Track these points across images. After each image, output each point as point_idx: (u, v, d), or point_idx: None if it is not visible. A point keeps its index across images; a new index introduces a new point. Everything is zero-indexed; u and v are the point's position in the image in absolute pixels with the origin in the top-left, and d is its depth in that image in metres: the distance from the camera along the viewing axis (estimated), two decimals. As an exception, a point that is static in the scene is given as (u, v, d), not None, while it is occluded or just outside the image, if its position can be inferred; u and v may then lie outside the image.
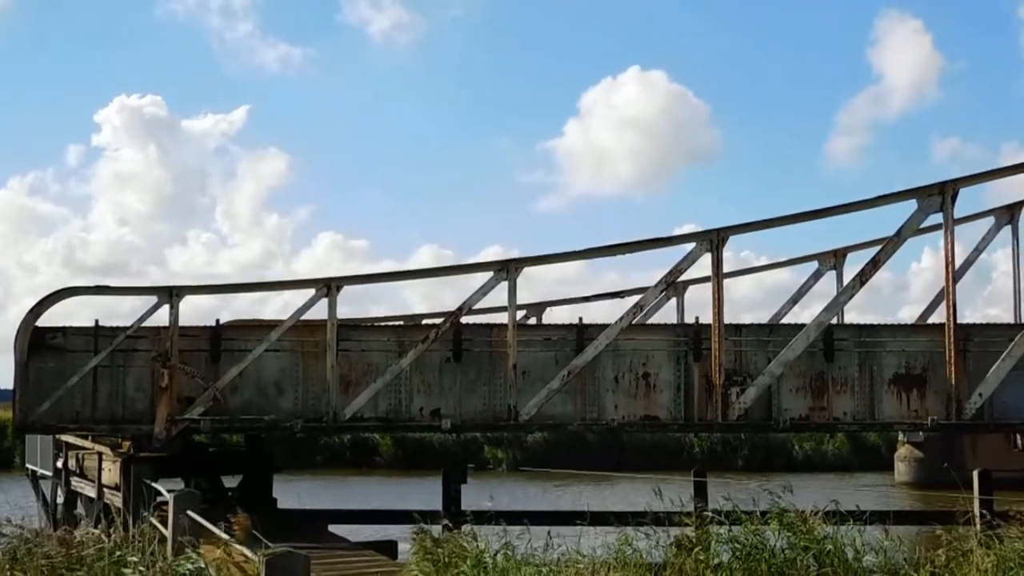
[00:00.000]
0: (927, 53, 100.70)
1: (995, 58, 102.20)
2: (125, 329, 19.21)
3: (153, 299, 19.33)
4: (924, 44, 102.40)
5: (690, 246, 19.35)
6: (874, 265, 19.18)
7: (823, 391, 19.61)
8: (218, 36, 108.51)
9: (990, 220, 22.25)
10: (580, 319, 19.85)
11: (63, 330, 19.57)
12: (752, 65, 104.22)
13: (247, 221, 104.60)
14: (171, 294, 19.15)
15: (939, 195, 19.27)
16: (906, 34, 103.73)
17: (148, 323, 19.48)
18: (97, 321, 19.64)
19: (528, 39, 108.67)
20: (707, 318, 19.40)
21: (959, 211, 19.55)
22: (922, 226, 22.23)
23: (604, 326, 19.30)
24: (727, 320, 19.17)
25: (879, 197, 19.61)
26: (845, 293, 19.01)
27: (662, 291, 19.27)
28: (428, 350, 19.15)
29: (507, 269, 19.12)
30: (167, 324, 19.23)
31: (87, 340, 19.53)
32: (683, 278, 21.27)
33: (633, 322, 19.33)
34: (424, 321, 24.03)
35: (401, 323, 25.02)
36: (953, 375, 18.81)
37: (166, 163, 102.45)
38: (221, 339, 19.74)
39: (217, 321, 20.13)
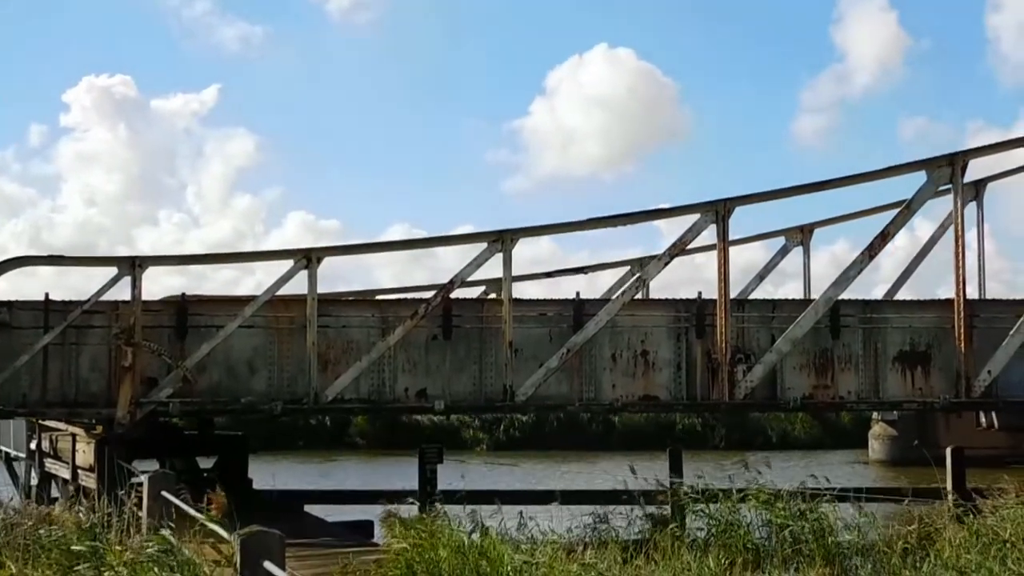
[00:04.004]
0: (892, 31, 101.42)
1: (960, 36, 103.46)
2: (79, 303, 17.63)
3: (113, 271, 17.63)
4: (889, 22, 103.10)
5: (694, 217, 18.46)
6: (883, 238, 18.87)
7: (827, 369, 19.19)
8: (175, 14, 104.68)
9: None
10: (577, 294, 19.07)
11: (9, 305, 18.13)
12: (717, 42, 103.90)
13: (217, 202, 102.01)
14: (133, 265, 17.72)
15: (948, 166, 18.90)
16: (870, 12, 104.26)
17: (105, 297, 17.84)
18: (47, 295, 18.06)
19: (491, 16, 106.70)
20: (685, 293, 19.41)
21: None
22: (890, 202, 21.95)
23: (603, 301, 18.57)
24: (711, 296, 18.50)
25: (887, 168, 19.28)
26: (854, 267, 18.68)
27: (665, 263, 18.32)
28: (415, 327, 17.89)
29: (502, 240, 18.08)
30: (126, 298, 17.62)
31: (36, 315, 18.14)
32: (641, 253, 20.78)
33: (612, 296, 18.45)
34: (384, 296, 22.54)
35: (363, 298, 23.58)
36: (962, 352, 18.26)
37: (136, 143, 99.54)
38: (187, 315, 18.16)
39: (183, 295, 18.65)
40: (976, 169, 19.84)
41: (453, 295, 18.79)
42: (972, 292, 22.54)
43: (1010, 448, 33.16)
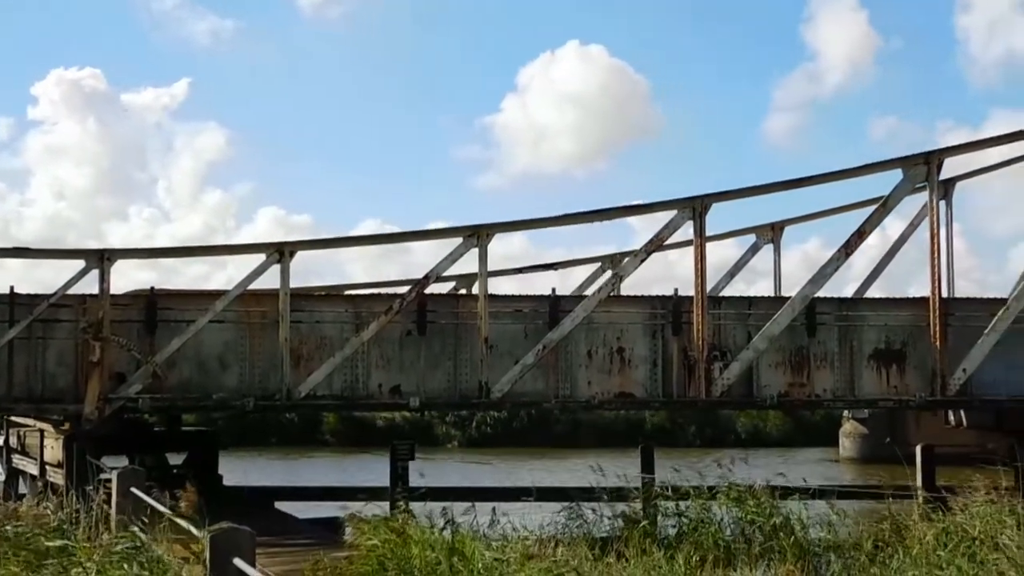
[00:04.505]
0: (863, 30, 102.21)
1: (930, 36, 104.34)
2: (46, 297, 17.24)
3: (80, 264, 17.28)
4: (859, 21, 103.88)
5: (670, 214, 18.38)
6: (860, 236, 18.89)
7: (803, 366, 19.18)
8: (145, 7, 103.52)
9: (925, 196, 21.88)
10: (553, 290, 18.77)
11: (-27, 298, 17.47)
12: (689, 40, 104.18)
13: (188, 196, 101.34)
14: (102, 258, 17.40)
15: (924, 164, 18.90)
16: (840, 11, 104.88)
17: (72, 291, 17.49)
18: (12, 287, 17.62)
19: (463, 12, 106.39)
20: (657, 290, 19.45)
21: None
22: (860, 200, 22.04)
23: (579, 298, 18.32)
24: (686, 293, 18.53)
25: (865, 166, 19.32)
26: (831, 265, 18.68)
27: (642, 260, 18.23)
28: (389, 322, 17.67)
29: (477, 235, 17.90)
30: (94, 292, 17.27)
31: (0, 309, 17.69)
32: (615, 250, 20.68)
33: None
34: (358, 291, 22.35)
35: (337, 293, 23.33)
36: (938, 350, 18.28)
37: (106, 137, 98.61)
38: (157, 309, 17.83)
39: (152, 288, 18.31)
40: (944, 169, 19.85)
41: (427, 290, 18.60)
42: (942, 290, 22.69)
43: (979, 446, 33.24)
